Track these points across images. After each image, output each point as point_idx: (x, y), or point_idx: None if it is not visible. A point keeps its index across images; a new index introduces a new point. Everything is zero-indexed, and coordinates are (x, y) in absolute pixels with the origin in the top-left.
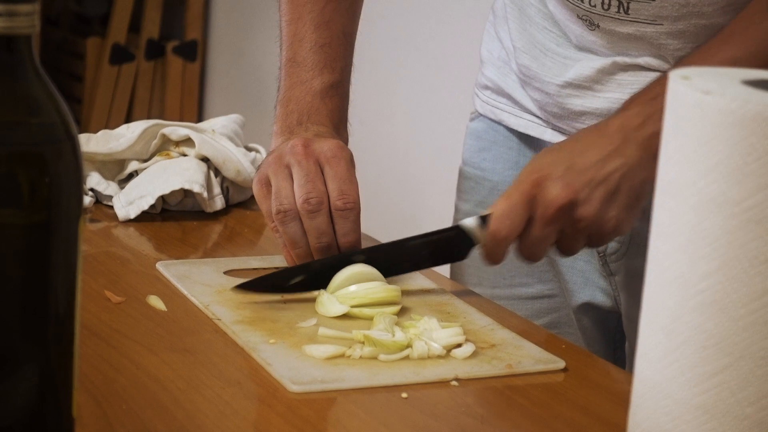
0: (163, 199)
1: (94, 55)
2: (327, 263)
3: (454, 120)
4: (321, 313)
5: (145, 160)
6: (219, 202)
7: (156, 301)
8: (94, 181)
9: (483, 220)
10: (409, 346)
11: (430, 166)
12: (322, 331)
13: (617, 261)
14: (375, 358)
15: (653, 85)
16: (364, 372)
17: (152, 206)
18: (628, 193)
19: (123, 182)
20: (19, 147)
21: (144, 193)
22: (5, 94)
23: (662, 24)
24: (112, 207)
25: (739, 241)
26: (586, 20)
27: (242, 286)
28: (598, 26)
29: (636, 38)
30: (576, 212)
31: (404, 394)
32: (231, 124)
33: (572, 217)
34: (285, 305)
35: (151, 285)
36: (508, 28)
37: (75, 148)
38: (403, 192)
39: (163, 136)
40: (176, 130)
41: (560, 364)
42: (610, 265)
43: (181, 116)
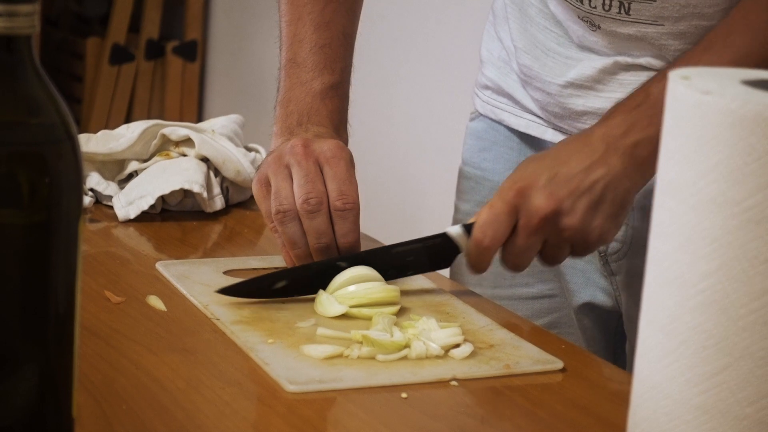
0: (162, 199)
1: (93, 56)
2: (312, 268)
3: (453, 120)
4: (320, 313)
5: (145, 161)
6: (219, 202)
7: (156, 301)
8: (94, 181)
9: (468, 228)
10: (407, 346)
11: (429, 167)
12: (321, 331)
13: (618, 261)
14: (373, 359)
15: (636, 93)
16: (361, 372)
17: (152, 206)
18: (612, 202)
19: (123, 182)
20: (19, 147)
21: (144, 193)
22: (5, 94)
23: (663, 25)
24: (111, 207)
25: (739, 241)
26: (587, 21)
27: (225, 291)
28: (599, 27)
29: (637, 39)
30: (560, 222)
31: (404, 394)
32: (231, 125)
33: (556, 226)
34: (284, 305)
35: (151, 285)
36: (509, 28)
37: (75, 148)
38: (403, 192)
39: (163, 136)
40: (176, 131)
41: (558, 365)
42: (611, 265)
43: (181, 116)
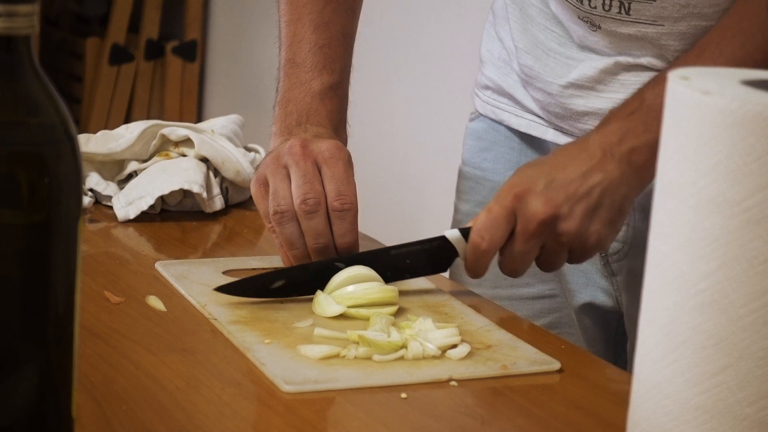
0: (162, 199)
1: (93, 56)
2: (310, 269)
3: (453, 120)
4: (318, 314)
5: (145, 161)
6: (218, 203)
7: (155, 302)
8: (94, 181)
9: (465, 232)
10: (403, 346)
11: (429, 167)
12: (318, 331)
13: (619, 261)
14: (369, 359)
15: (631, 100)
16: (358, 372)
17: (151, 206)
18: (610, 207)
19: (122, 183)
20: (19, 147)
21: (143, 194)
22: (5, 95)
23: (663, 25)
24: (111, 207)
25: (739, 241)
26: (587, 21)
27: (222, 289)
28: (600, 27)
29: (638, 39)
30: (557, 227)
31: (403, 395)
32: (230, 125)
33: (554, 231)
34: (282, 305)
35: (151, 285)
36: (509, 28)
37: (74, 149)
38: (403, 192)
39: (163, 136)
40: (175, 131)
41: (555, 365)
42: (611, 265)
43: (181, 116)
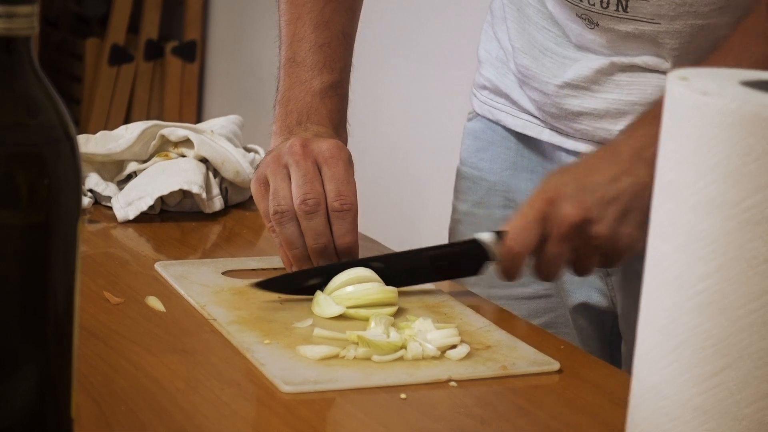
0: (161, 199)
1: (93, 56)
2: (344, 267)
3: (452, 120)
4: (317, 314)
5: (144, 161)
6: (218, 203)
7: (155, 302)
8: (93, 182)
9: (499, 235)
10: (402, 347)
11: (428, 167)
12: (318, 331)
13: None
14: (369, 359)
15: (657, 103)
16: (357, 373)
17: (151, 207)
18: (641, 210)
19: (122, 183)
20: (18, 148)
21: (143, 194)
22: (4, 95)
23: (660, 23)
24: (110, 208)
25: (738, 241)
26: (585, 19)
27: (259, 285)
28: (597, 24)
29: (635, 37)
30: (589, 230)
31: (403, 395)
32: (230, 125)
33: (586, 235)
34: (282, 306)
35: (150, 286)
36: (507, 28)
37: (74, 149)
38: (402, 192)
39: (162, 137)
40: (175, 131)
41: (555, 366)
42: None
43: (180, 117)
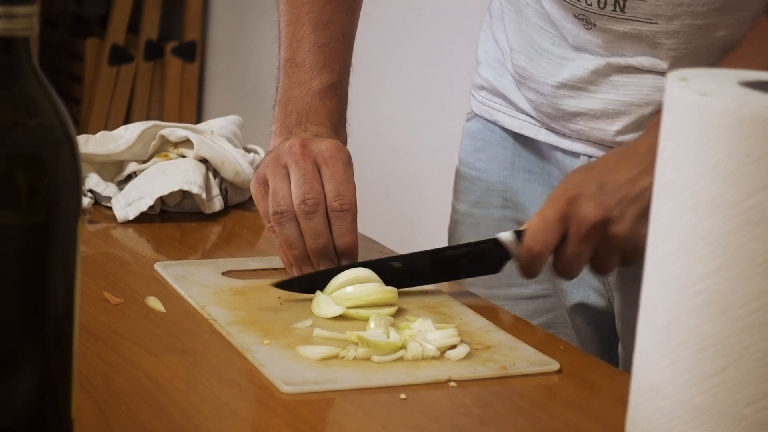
0: (161, 200)
1: (93, 56)
2: (366, 267)
3: (452, 120)
4: (317, 314)
5: (144, 162)
6: (217, 204)
7: (155, 303)
8: (93, 182)
9: (518, 235)
10: (402, 347)
11: (428, 167)
12: (317, 332)
13: None
14: (369, 359)
15: None
16: (357, 373)
17: (151, 207)
18: None
19: (122, 183)
20: (18, 148)
21: (143, 195)
22: (4, 96)
23: (657, 23)
24: (110, 208)
25: (738, 242)
26: (582, 19)
27: (280, 285)
28: (595, 25)
29: (632, 37)
30: (610, 229)
31: (403, 395)
32: (230, 125)
33: (606, 234)
34: (282, 306)
35: (150, 286)
36: (505, 29)
37: (73, 150)
38: (402, 192)
39: (162, 137)
40: (175, 132)
41: (554, 366)
42: None
43: (180, 117)
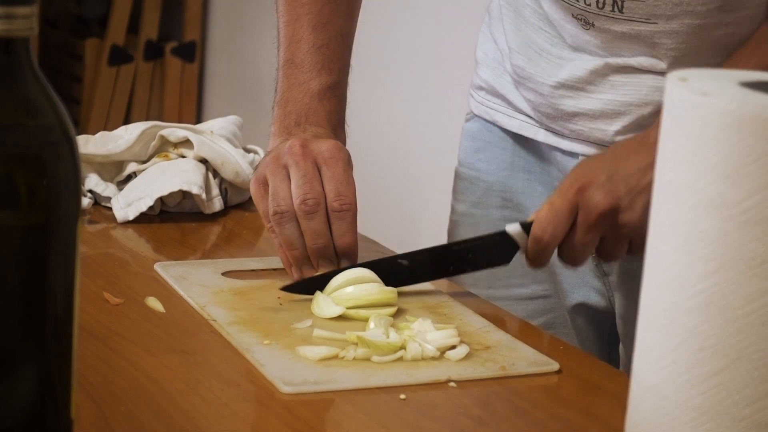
0: (161, 200)
1: (92, 56)
2: (373, 266)
3: (451, 120)
4: (317, 315)
5: (144, 162)
6: (217, 204)
7: (154, 303)
8: (93, 182)
9: (525, 227)
10: (402, 347)
11: (427, 167)
12: (317, 332)
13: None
14: (368, 360)
15: None
16: (357, 373)
17: (151, 208)
18: None
19: (121, 184)
20: (17, 149)
21: (142, 195)
22: (3, 96)
23: (656, 23)
24: (110, 208)
25: (737, 242)
26: (581, 19)
27: (288, 288)
28: (593, 25)
29: (630, 37)
30: (618, 218)
31: (402, 396)
32: (229, 126)
33: (615, 223)
34: (281, 306)
35: (150, 286)
36: (503, 29)
37: (73, 150)
38: (401, 192)
39: (162, 137)
40: (175, 132)
41: (554, 367)
42: (603, 266)
43: (180, 117)
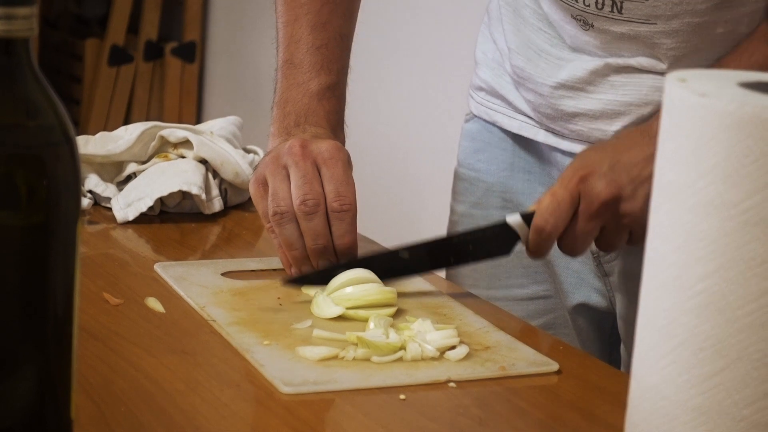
0: (161, 200)
1: (92, 57)
2: (373, 259)
3: (451, 121)
4: (316, 315)
5: (144, 162)
6: (217, 204)
7: (154, 303)
8: (93, 183)
9: (527, 217)
10: (402, 347)
11: (427, 168)
12: (317, 332)
13: (612, 262)
14: (368, 360)
15: None
16: (357, 374)
17: (150, 208)
18: None
19: (121, 184)
20: (17, 149)
21: (142, 195)
22: (3, 97)
23: (656, 23)
24: (110, 209)
25: (736, 243)
26: (580, 20)
27: (293, 281)
28: (592, 26)
29: (630, 38)
30: (620, 208)
31: (402, 396)
32: (229, 126)
33: (616, 212)
34: (281, 307)
35: (150, 287)
36: (503, 30)
37: (73, 151)
38: (401, 193)
39: (162, 138)
40: (174, 132)
41: (554, 367)
42: (604, 266)
43: (180, 118)
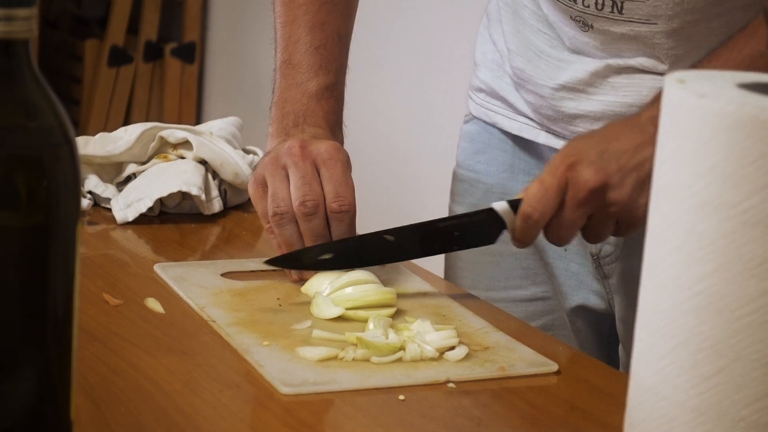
0: (161, 201)
1: (92, 57)
2: (358, 241)
3: (450, 121)
4: (316, 315)
5: (143, 163)
6: (217, 205)
7: (154, 304)
8: (92, 183)
9: (513, 204)
10: (401, 348)
11: (426, 168)
12: (316, 333)
13: (611, 263)
14: (367, 361)
15: None
16: (356, 374)
17: (150, 209)
18: None
19: (121, 185)
20: (17, 150)
21: (142, 196)
22: (3, 98)
23: (656, 23)
24: (110, 210)
25: (735, 243)
26: (579, 21)
27: (271, 262)
28: (592, 27)
29: (630, 38)
30: (607, 196)
31: (401, 396)
32: (229, 127)
33: (603, 201)
34: (281, 307)
35: (149, 287)
36: (503, 31)
37: (72, 152)
38: (400, 193)
39: (161, 138)
40: (174, 133)
41: (553, 367)
42: (603, 268)
43: (180, 118)
